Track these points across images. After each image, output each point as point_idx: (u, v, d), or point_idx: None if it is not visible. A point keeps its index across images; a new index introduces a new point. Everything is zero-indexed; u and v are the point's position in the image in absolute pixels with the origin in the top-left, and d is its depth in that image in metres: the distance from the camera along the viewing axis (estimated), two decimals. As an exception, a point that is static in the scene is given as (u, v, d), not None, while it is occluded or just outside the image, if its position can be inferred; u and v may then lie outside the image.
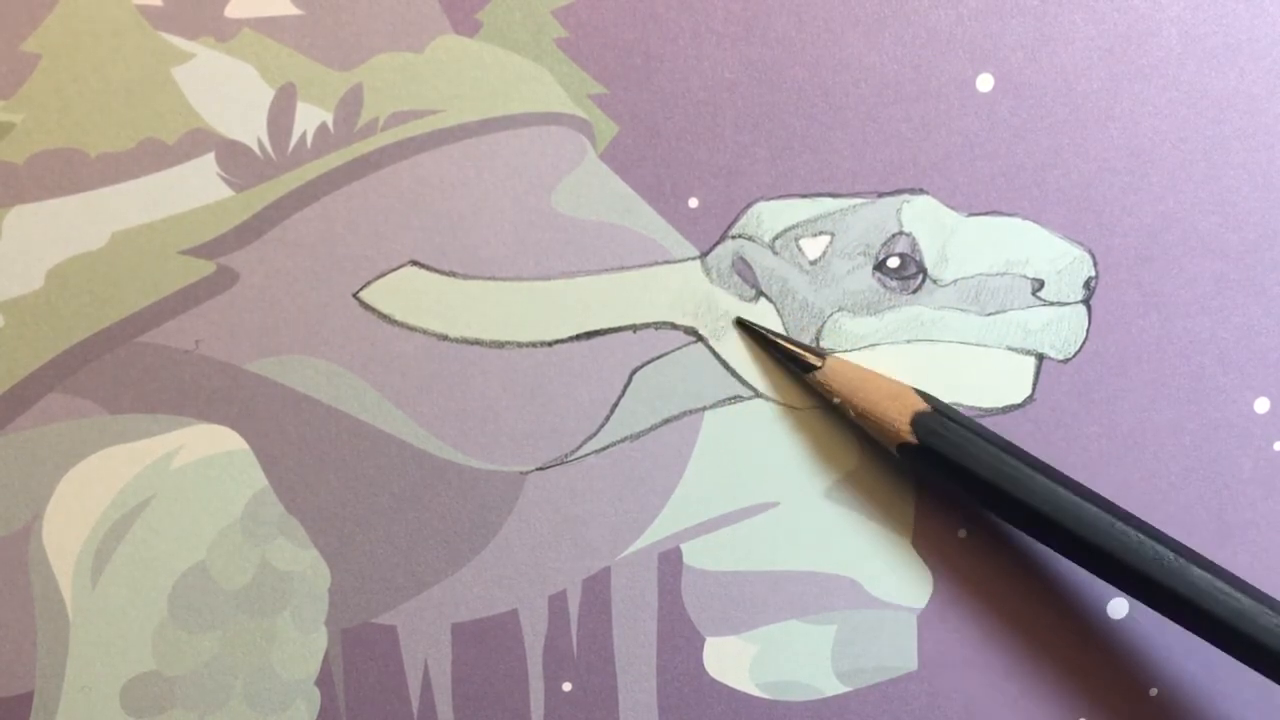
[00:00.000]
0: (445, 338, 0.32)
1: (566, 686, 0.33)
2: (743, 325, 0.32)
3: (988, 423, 0.33)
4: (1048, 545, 0.31)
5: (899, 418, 0.31)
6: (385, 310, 0.32)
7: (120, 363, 0.31)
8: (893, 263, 0.32)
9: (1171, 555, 0.30)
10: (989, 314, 0.33)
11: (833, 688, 0.34)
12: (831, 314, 0.32)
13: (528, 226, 0.32)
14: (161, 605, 0.32)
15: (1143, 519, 0.32)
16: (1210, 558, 0.34)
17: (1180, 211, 0.33)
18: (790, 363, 0.32)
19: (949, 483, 0.32)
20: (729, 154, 0.32)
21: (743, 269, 0.32)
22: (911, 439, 0.31)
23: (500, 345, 0.32)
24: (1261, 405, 0.33)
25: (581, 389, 0.32)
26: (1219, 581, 0.30)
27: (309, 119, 0.31)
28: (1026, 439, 0.33)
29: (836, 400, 0.32)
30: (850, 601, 0.33)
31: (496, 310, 0.32)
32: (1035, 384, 0.33)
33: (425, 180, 0.31)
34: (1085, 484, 0.33)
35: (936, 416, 0.31)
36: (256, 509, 0.32)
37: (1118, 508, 0.31)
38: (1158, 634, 0.34)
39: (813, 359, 0.32)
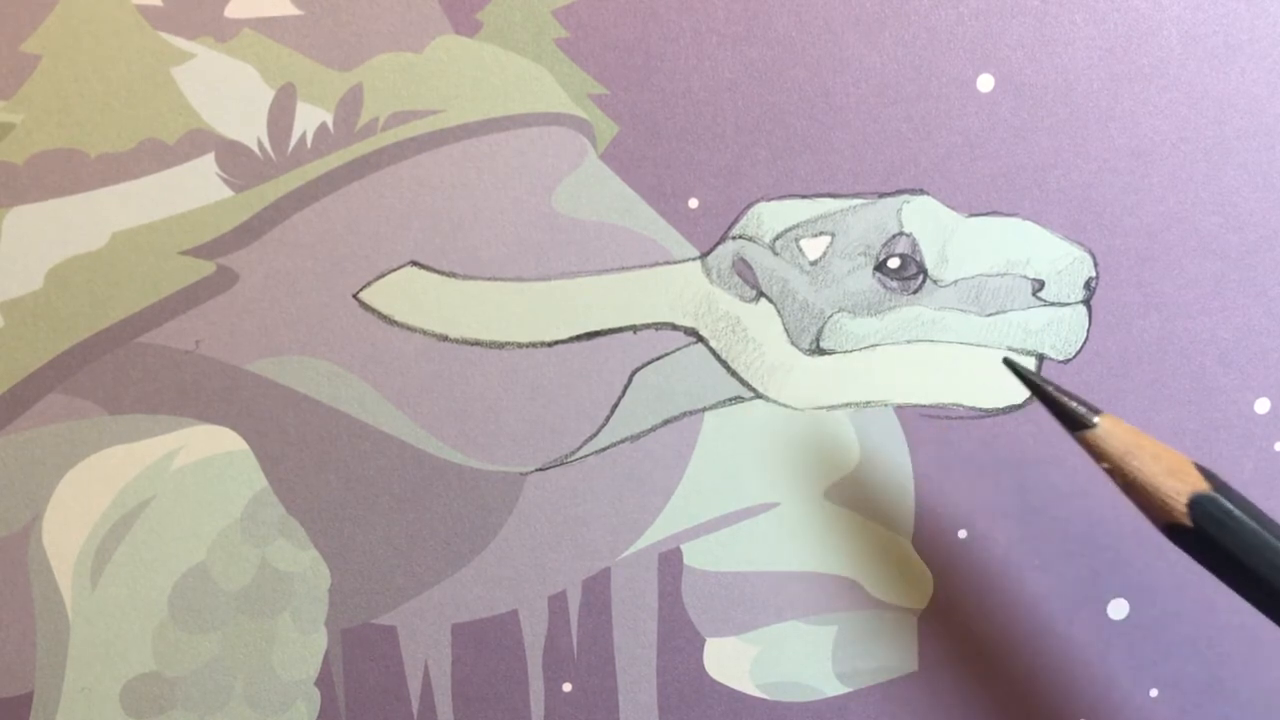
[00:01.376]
0: (445, 338, 0.32)
1: (566, 687, 0.33)
2: (1011, 366, 0.30)
3: (989, 426, 0.33)
4: None
5: (1176, 497, 0.28)
6: (385, 311, 0.32)
7: (120, 363, 0.31)
8: (893, 263, 0.32)
9: None
10: (989, 314, 0.33)
11: (833, 688, 0.34)
12: (832, 314, 0.32)
13: (528, 227, 0.32)
14: (161, 606, 0.32)
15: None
16: (1211, 558, 0.34)
17: (1181, 212, 0.33)
18: (1059, 417, 0.29)
19: (1218, 571, 0.29)
20: (729, 154, 0.32)
21: (743, 269, 0.32)
22: (1186, 522, 0.28)
23: (500, 346, 0.32)
24: (1262, 405, 0.33)
25: (581, 389, 0.32)
26: None
27: (309, 119, 0.31)
28: (1026, 439, 0.33)
29: (1105, 465, 0.29)
30: (850, 602, 0.33)
31: (496, 311, 0.32)
32: (1035, 384, 0.33)
33: (425, 180, 0.31)
34: (1085, 484, 0.33)
35: (1218, 500, 0.28)
36: (256, 509, 0.32)
37: None
38: (1158, 634, 0.34)
39: (1086, 415, 0.29)
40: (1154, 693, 0.34)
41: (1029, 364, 0.33)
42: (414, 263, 0.32)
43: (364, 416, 0.32)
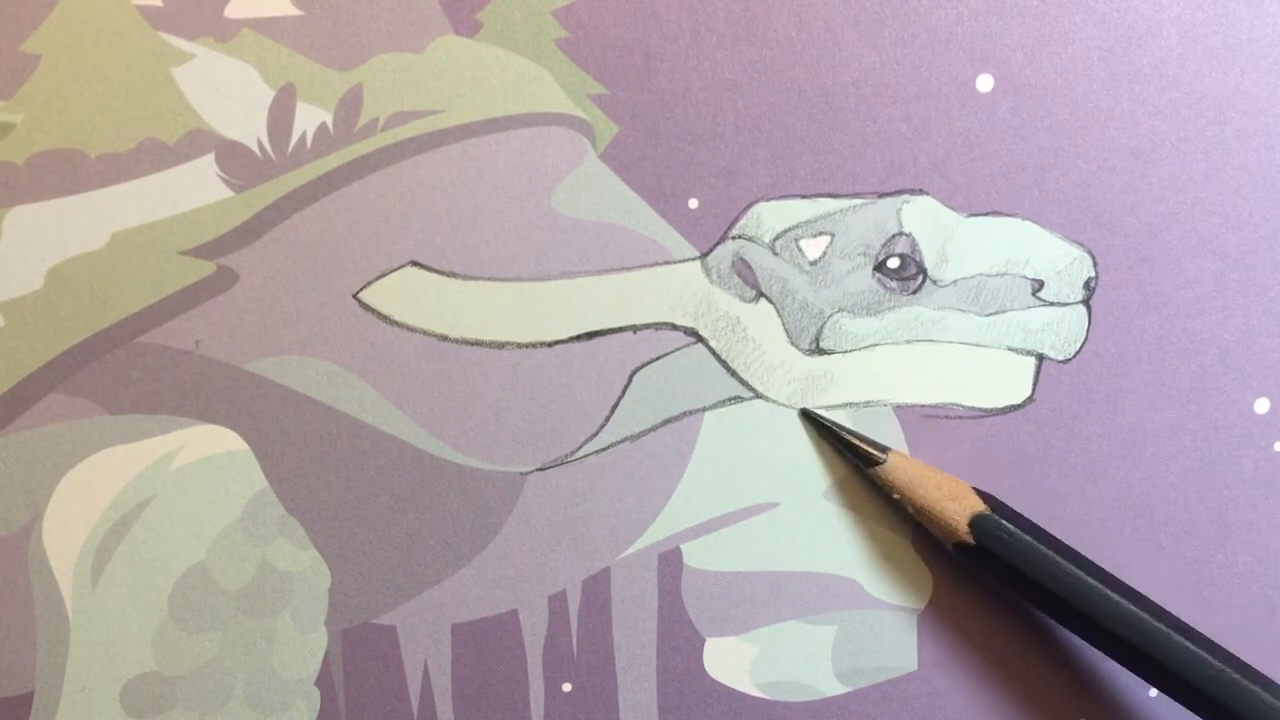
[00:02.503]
0: (445, 338, 0.32)
1: (566, 687, 0.33)
2: (807, 416, 0.33)
3: (989, 426, 0.33)
4: (1101, 650, 0.31)
5: (958, 519, 0.31)
6: (385, 310, 0.32)
7: (120, 363, 0.31)
8: (893, 263, 0.32)
9: (1219, 666, 0.30)
10: (989, 314, 0.33)
11: (833, 688, 0.34)
12: (832, 314, 0.32)
13: (528, 227, 0.32)
14: (161, 605, 0.32)
15: (1188, 622, 0.32)
16: (1210, 558, 0.34)
17: (1180, 211, 0.33)
18: (851, 455, 0.32)
19: (1004, 584, 0.32)
20: (729, 154, 0.32)
21: (743, 270, 0.32)
22: (969, 540, 0.31)
23: (500, 345, 0.32)
24: (1261, 405, 0.33)
25: (581, 389, 0.32)
26: (1266, 695, 0.30)
27: (309, 119, 0.31)
28: (1026, 439, 0.33)
29: (895, 496, 0.32)
30: (850, 602, 0.33)
31: (496, 310, 0.32)
32: (1035, 384, 0.33)
33: (425, 180, 0.31)
34: (1085, 484, 0.33)
35: (995, 519, 0.31)
36: (256, 509, 0.32)
37: (1171, 616, 0.31)
38: (1158, 634, 0.34)
39: (875, 453, 0.32)
40: (1153, 692, 0.34)
41: (1029, 363, 0.33)
42: (414, 263, 0.32)
43: (364, 416, 0.32)
